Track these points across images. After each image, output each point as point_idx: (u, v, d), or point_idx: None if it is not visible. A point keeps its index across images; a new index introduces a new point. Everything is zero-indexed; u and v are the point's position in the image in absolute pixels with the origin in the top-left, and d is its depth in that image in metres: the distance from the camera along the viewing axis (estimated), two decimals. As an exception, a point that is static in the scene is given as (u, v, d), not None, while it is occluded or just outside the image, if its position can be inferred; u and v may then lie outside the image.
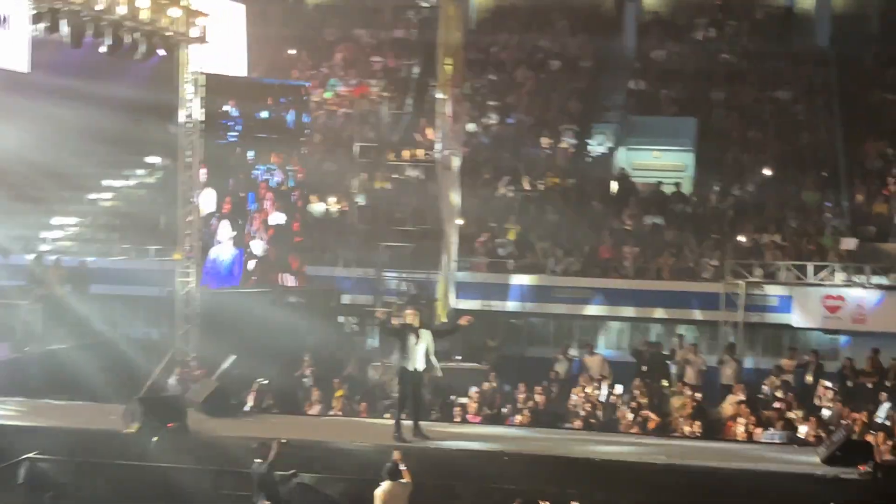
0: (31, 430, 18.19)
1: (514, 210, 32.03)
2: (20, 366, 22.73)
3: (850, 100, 35.68)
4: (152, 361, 23.66)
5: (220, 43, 26.13)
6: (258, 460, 15.95)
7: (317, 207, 32.16)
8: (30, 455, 17.04)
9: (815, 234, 29.75)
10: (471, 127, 34.15)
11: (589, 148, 35.49)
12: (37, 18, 20.18)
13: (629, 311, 29.55)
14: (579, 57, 38.85)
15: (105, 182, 33.47)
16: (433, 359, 18.27)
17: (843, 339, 28.60)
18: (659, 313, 29.34)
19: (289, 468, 16.63)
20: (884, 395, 24.25)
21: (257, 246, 27.70)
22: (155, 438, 17.52)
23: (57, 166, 30.65)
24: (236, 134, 27.19)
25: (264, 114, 27.88)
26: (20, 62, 19.87)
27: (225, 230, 26.77)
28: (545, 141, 34.61)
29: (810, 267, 28.35)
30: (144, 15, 22.45)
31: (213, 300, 26.00)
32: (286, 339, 25.99)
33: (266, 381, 22.52)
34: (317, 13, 42.81)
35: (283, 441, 16.38)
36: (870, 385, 25.77)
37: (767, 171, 32.58)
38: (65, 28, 20.71)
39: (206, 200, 26.21)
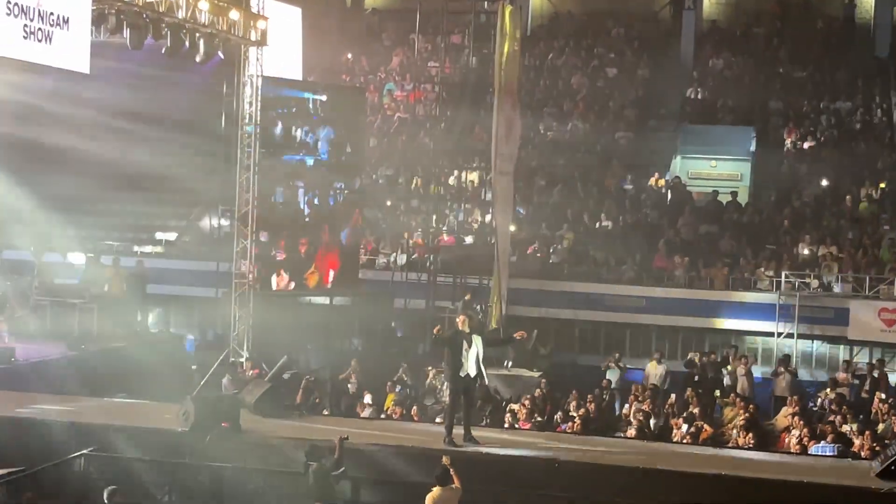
0: (87, 427, 18.37)
1: (569, 218, 31.96)
2: (77, 364, 22.96)
3: (909, 110, 35.35)
4: (207, 361, 23.81)
5: (277, 46, 26.32)
6: (312, 463, 16.00)
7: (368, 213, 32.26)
8: (85, 452, 17.22)
9: (872, 247, 29.42)
10: (526, 133, 34.11)
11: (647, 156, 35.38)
12: (98, 20, 20.42)
13: (683, 321, 29.36)
14: (636, 65, 38.72)
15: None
16: (483, 365, 18.28)
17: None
18: (713, 323, 29.13)
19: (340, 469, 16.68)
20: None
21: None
22: (208, 438, 17.65)
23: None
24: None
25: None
26: (81, 63, 20.13)
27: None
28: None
29: (867, 279, 28.06)
30: (205, 17, 22.65)
31: (267, 302, 26.16)
32: (339, 341, 26.13)
33: (313, 378, 22.65)
34: (373, 17, 43.04)
35: (345, 438, 16.45)
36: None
37: (825, 182, 32.26)
38: (126, 30, 20.94)
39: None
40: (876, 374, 26.20)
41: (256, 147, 25.03)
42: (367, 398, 23.07)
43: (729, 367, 27.07)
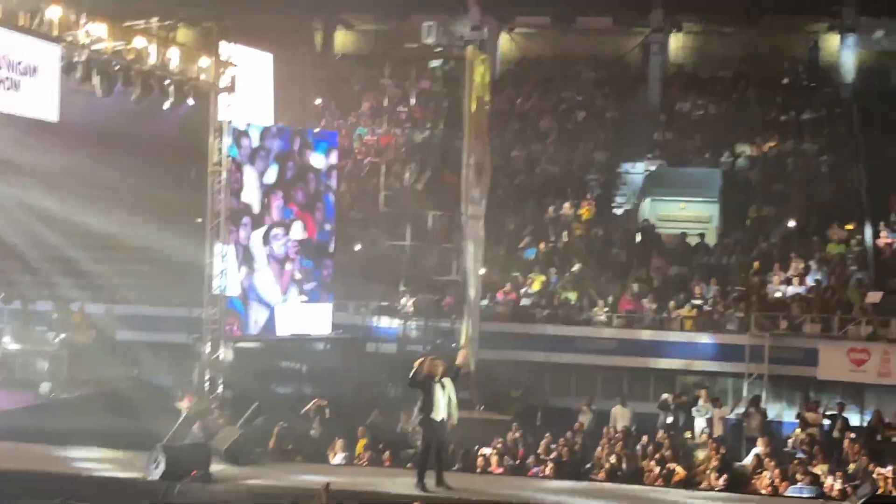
0: (56, 476, 18.24)
1: (539, 260, 32.08)
2: (46, 412, 22.79)
3: (874, 152, 35.65)
4: (176, 409, 23.67)
5: (248, 92, 26.40)
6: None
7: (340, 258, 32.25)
8: (55, 502, 17.07)
9: (840, 287, 29.64)
10: (496, 177, 34.27)
11: (614, 199, 35.67)
12: (67, 68, 20.44)
13: (654, 363, 29.48)
14: (605, 108, 39.03)
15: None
16: (454, 408, 18.32)
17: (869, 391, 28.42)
18: (684, 365, 29.24)
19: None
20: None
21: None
22: (178, 487, 17.54)
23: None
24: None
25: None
26: (50, 112, 20.11)
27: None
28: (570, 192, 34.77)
29: (835, 319, 28.25)
30: (175, 64, 22.72)
31: (238, 347, 26.08)
32: (311, 387, 26.06)
33: (286, 425, 22.57)
34: (343, 63, 43.24)
35: (328, 484, 16.41)
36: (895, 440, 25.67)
37: (792, 223, 32.53)
38: (95, 77, 20.95)
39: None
40: (846, 415, 26.38)
41: (228, 193, 25.04)
42: (338, 443, 22.97)
43: (700, 409, 27.20)
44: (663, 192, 34.87)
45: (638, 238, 33.32)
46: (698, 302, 29.92)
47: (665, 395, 28.12)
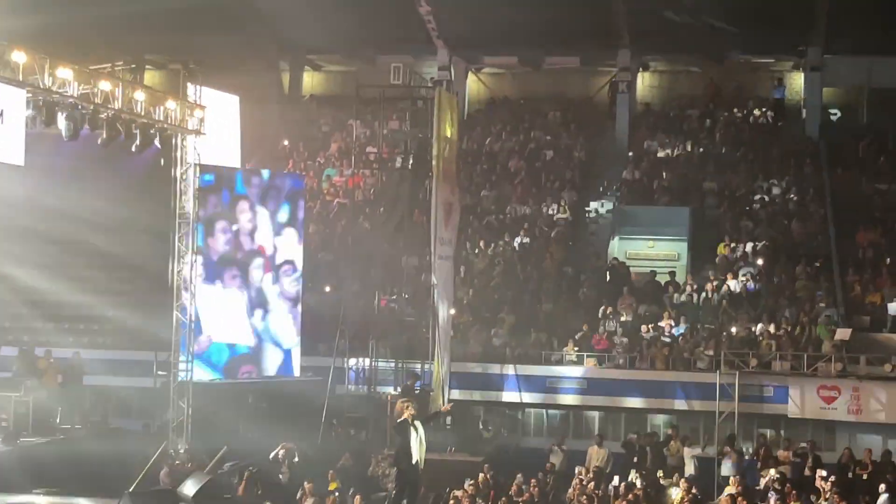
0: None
1: (509, 300, 32.05)
2: (12, 459, 22.49)
3: (840, 190, 35.92)
4: (144, 454, 23.43)
5: (215, 134, 26.35)
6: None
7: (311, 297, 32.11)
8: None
9: (810, 325, 29.73)
10: (465, 217, 34.30)
11: (583, 237, 35.75)
12: (33, 112, 20.34)
13: (625, 402, 29.43)
14: (573, 147, 39.18)
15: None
16: (423, 450, 18.28)
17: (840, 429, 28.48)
18: (655, 404, 29.20)
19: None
20: (882, 486, 24.16)
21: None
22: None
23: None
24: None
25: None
26: (16, 156, 19.99)
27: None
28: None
29: (805, 357, 28.33)
30: (141, 108, 22.66)
31: (205, 392, 25.88)
32: (280, 429, 25.82)
33: (255, 470, 22.36)
34: (312, 104, 43.26)
35: None
36: (866, 477, 25.69)
37: (760, 261, 32.65)
38: (62, 121, 20.86)
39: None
40: (817, 453, 26.39)
41: (194, 235, 24.93)
42: (308, 487, 22.72)
43: (672, 448, 27.17)
44: (632, 231, 34.93)
45: (608, 276, 33.34)
46: (668, 340, 29.93)
47: (631, 435, 28.13)
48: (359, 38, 39.19)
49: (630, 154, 38.91)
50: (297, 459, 24.39)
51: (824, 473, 24.98)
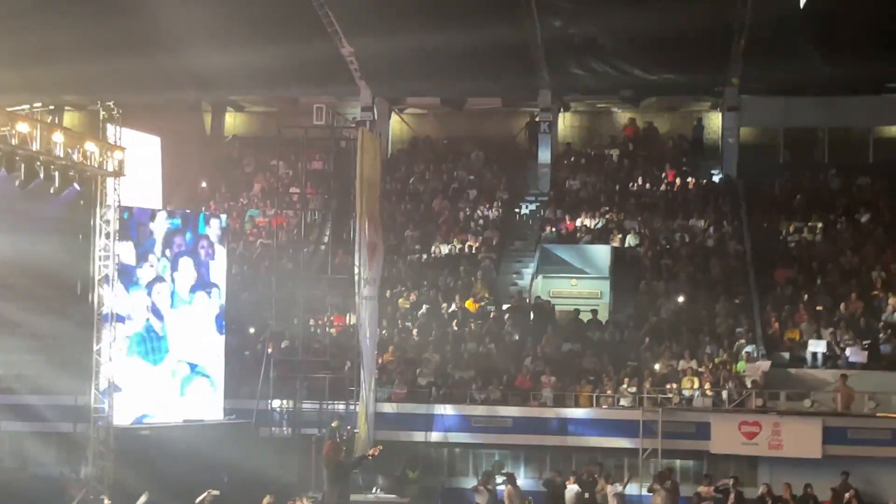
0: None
1: (433, 339, 32.05)
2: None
3: (758, 228, 36.51)
4: (65, 500, 23.02)
5: (136, 175, 26.14)
6: None
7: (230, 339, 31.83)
8: None
9: (730, 361, 30.10)
10: (390, 257, 34.32)
11: (506, 276, 35.93)
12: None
13: (549, 440, 29.52)
14: (496, 187, 39.41)
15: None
16: None
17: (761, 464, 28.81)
18: (579, 442, 29.32)
19: None
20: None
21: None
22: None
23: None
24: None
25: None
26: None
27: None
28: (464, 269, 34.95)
29: (726, 393, 28.64)
30: (60, 149, 22.39)
31: (127, 435, 25.50)
32: (203, 473, 25.51)
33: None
34: (234, 144, 43.09)
35: None
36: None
37: (681, 299, 33.03)
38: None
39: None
40: (740, 489, 26.65)
41: (115, 278, 24.66)
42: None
43: (597, 486, 27.28)
44: (555, 269, 35.18)
45: (531, 315, 33.50)
46: (592, 378, 30.10)
47: (550, 473, 28.28)
48: (281, 79, 39.14)
49: (551, 193, 39.23)
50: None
51: (747, 508, 25.25)
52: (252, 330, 32.78)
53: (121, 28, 34.21)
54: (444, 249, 36.31)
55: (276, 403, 29.75)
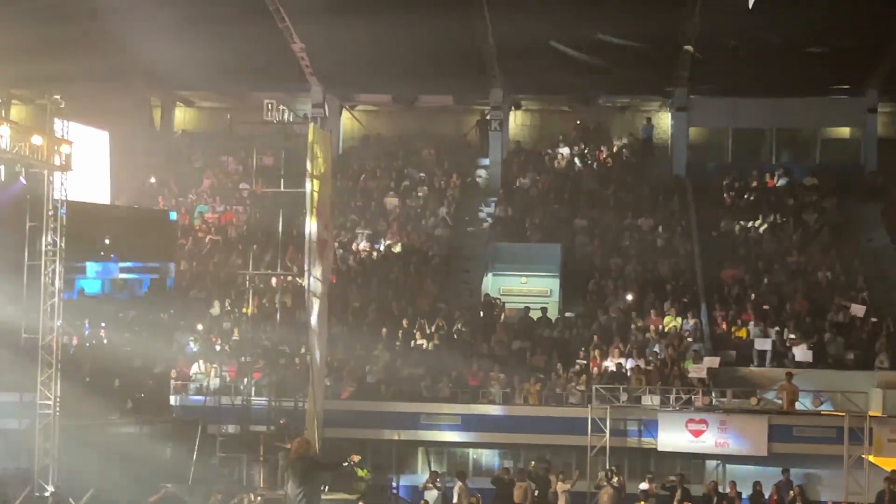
0: None
1: (383, 336, 32.01)
2: None
3: (706, 227, 36.81)
4: (10, 498, 22.77)
5: (84, 170, 25.89)
6: None
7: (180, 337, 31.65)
8: None
9: (678, 359, 30.32)
10: (340, 254, 34.25)
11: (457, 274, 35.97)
12: None
13: (499, 437, 29.59)
14: (446, 185, 39.43)
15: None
16: None
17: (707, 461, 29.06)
18: (528, 439, 29.43)
19: None
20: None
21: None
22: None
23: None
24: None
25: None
26: None
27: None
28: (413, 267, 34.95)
29: (674, 391, 28.87)
30: (5, 143, 22.13)
31: (73, 432, 25.26)
32: (150, 470, 25.37)
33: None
34: (184, 139, 42.79)
35: None
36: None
37: (629, 297, 33.23)
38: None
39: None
40: (686, 486, 26.86)
41: (61, 273, 24.41)
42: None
43: (551, 484, 27.39)
44: (505, 267, 35.28)
45: (481, 313, 33.56)
46: (541, 376, 30.22)
47: (499, 471, 28.42)
48: (231, 75, 38.92)
49: (502, 191, 39.33)
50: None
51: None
52: (200, 326, 32.57)
53: (69, 22, 33.87)
54: (395, 247, 36.26)
55: (224, 400, 29.57)
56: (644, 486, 27.48)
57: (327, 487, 26.60)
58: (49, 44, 33.52)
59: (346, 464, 19.16)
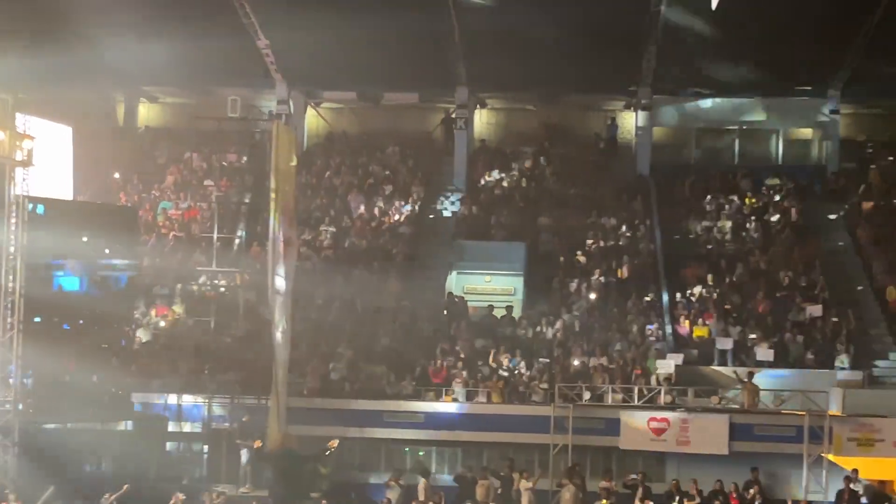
0: None
1: (347, 334, 31.99)
2: None
3: (669, 226, 37.00)
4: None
5: (46, 166, 25.74)
6: None
7: (142, 333, 31.51)
8: None
9: (640, 358, 30.46)
10: (303, 250, 34.17)
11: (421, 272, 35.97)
12: None
13: (461, 436, 29.63)
14: (411, 183, 39.42)
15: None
16: None
17: (669, 460, 29.21)
18: (491, 437, 29.47)
19: None
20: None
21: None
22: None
23: None
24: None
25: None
26: None
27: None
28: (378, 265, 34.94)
29: (636, 390, 29.00)
30: (-33, 138, 22.01)
31: (32, 429, 25.12)
32: (111, 468, 25.27)
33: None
34: (147, 136, 42.56)
35: None
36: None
37: (593, 296, 33.34)
38: None
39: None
40: (647, 484, 27.00)
41: (22, 272, 24.28)
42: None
43: (514, 483, 27.45)
44: (469, 266, 35.33)
45: (445, 311, 33.58)
46: (505, 374, 30.28)
47: (462, 469, 28.47)
48: (196, 71, 38.74)
49: (466, 190, 39.36)
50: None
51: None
52: (162, 323, 32.45)
53: (33, 17, 33.61)
54: (359, 244, 36.20)
55: (187, 398, 29.46)
56: (607, 483, 27.58)
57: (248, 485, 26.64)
58: (12, 38, 33.25)
59: (328, 452, 19.11)
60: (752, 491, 27.35)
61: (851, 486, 27.18)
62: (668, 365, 29.82)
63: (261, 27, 36.84)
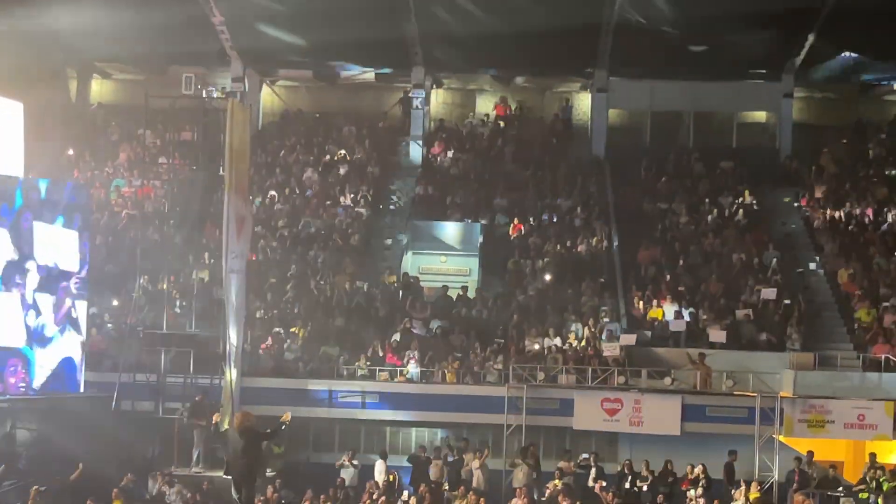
0: None
1: (301, 314, 31.89)
2: None
3: (624, 208, 37.14)
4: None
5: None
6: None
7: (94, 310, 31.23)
8: None
9: (594, 339, 30.58)
10: (258, 230, 33.98)
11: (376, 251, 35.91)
12: None
13: (416, 416, 29.68)
14: (367, 162, 39.30)
15: None
16: None
17: (622, 440, 29.41)
18: (445, 417, 29.54)
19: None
20: (661, 497, 25.08)
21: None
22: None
23: None
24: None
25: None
26: None
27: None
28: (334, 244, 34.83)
29: (589, 371, 29.15)
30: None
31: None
32: (62, 447, 25.07)
33: (44, 489, 21.67)
34: (100, 112, 42.12)
35: None
36: (645, 488, 26.68)
37: (548, 277, 33.43)
38: None
39: None
40: (600, 464, 27.18)
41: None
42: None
43: (466, 460, 27.54)
44: (424, 246, 35.33)
45: (400, 292, 33.55)
46: (459, 354, 30.32)
47: (417, 450, 28.57)
48: (150, 48, 38.35)
49: (422, 170, 39.32)
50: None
51: (604, 484, 25.79)
52: (115, 302, 32.19)
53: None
54: (314, 223, 36.05)
55: (139, 377, 29.24)
56: (562, 463, 27.73)
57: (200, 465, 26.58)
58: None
59: (283, 427, 19.17)
60: (696, 470, 27.44)
61: (801, 466, 27.47)
62: (613, 347, 29.94)
63: (216, 4, 36.54)
